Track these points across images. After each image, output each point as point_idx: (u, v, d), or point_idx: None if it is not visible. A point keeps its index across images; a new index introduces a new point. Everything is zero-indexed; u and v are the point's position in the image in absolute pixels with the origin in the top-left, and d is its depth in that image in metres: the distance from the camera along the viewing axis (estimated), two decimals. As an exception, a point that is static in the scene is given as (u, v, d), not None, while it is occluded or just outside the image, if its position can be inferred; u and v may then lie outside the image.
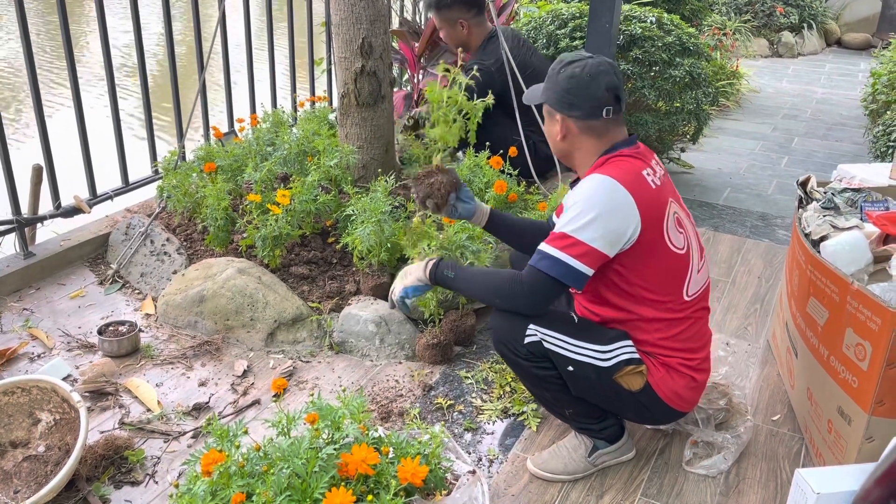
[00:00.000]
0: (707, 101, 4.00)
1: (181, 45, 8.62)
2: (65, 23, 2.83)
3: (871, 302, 1.78)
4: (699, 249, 1.92)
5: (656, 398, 1.88)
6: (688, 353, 1.89)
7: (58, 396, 2.00)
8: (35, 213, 2.99)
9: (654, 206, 1.77)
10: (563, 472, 1.99)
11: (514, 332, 1.84)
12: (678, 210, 1.87)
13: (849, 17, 9.34)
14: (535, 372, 1.87)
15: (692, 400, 1.94)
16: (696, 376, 1.91)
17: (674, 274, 1.83)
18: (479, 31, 3.33)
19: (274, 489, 1.41)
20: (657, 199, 1.79)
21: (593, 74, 1.79)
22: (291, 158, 2.96)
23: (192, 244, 2.92)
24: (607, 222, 1.72)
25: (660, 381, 1.87)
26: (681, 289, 1.85)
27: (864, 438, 1.83)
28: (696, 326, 1.91)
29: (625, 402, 1.90)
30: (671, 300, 1.84)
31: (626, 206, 1.73)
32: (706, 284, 1.95)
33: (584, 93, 1.79)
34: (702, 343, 1.94)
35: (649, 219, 1.76)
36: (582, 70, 1.80)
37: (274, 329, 2.52)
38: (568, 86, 1.81)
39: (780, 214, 3.87)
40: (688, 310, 1.88)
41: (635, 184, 1.76)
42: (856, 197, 2.35)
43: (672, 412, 1.94)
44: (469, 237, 2.46)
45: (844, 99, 6.57)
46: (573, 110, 1.82)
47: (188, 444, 2.09)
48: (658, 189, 1.81)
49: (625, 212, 1.73)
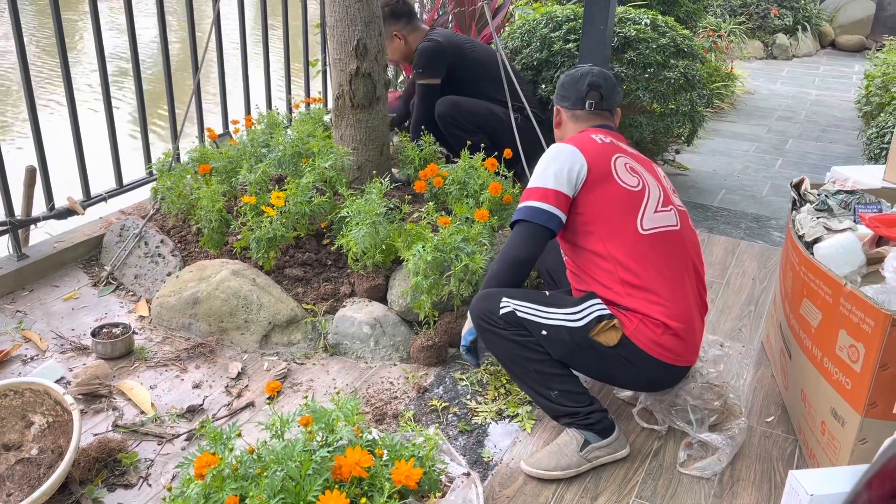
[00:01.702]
0: (702, 102, 4.01)
1: (176, 47, 8.60)
2: (58, 22, 2.82)
3: (865, 304, 1.79)
4: (663, 195, 2.07)
5: (638, 350, 1.94)
6: (658, 301, 1.94)
7: (51, 399, 1.99)
8: (28, 214, 2.98)
9: (599, 153, 2.04)
10: (556, 467, 2.00)
11: (490, 304, 2.00)
12: (630, 161, 2.08)
13: (843, 20, 9.37)
14: (514, 338, 1.97)
15: (678, 350, 1.97)
16: (669, 323, 1.94)
17: (624, 206, 2.00)
18: (415, 36, 3.45)
19: (267, 492, 1.40)
20: (603, 148, 2.06)
21: (582, 74, 2.19)
22: (286, 160, 2.95)
23: (186, 246, 2.92)
24: (554, 167, 2.02)
25: (635, 331, 1.94)
26: (633, 221, 1.98)
27: (858, 440, 1.84)
28: (660, 269, 1.97)
29: (610, 362, 1.96)
30: (626, 233, 1.98)
31: (568, 152, 2.04)
32: (673, 228, 2.04)
33: (572, 87, 2.20)
34: (674, 293, 1.96)
35: (594, 158, 2.02)
36: (575, 71, 2.22)
37: (268, 331, 2.52)
38: (563, 82, 2.23)
39: (775, 216, 3.88)
40: (646, 243, 1.97)
41: (580, 140, 2.08)
42: (849, 199, 2.36)
43: (663, 366, 1.97)
44: (464, 239, 2.46)
45: (838, 101, 6.59)
46: (563, 101, 2.23)
47: (182, 447, 2.08)
48: (604, 144, 2.08)
49: (568, 156, 2.03)
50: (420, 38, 3.43)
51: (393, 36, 3.40)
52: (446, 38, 3.41)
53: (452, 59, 3.37)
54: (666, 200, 2.08)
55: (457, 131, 3.31)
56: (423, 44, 3.37)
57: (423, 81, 3.39)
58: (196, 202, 2.85)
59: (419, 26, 3.47)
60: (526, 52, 3.94)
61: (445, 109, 3.31)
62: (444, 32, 3.50)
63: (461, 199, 2.81)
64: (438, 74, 3.37)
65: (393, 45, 3.44)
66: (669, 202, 2.09)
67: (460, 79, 3.38)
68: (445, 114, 3.31)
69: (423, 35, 3.44)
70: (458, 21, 4.37)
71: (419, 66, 3.36)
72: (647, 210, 2.01)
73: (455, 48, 3.39)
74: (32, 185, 3.01)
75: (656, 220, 2.02)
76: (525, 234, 2.01)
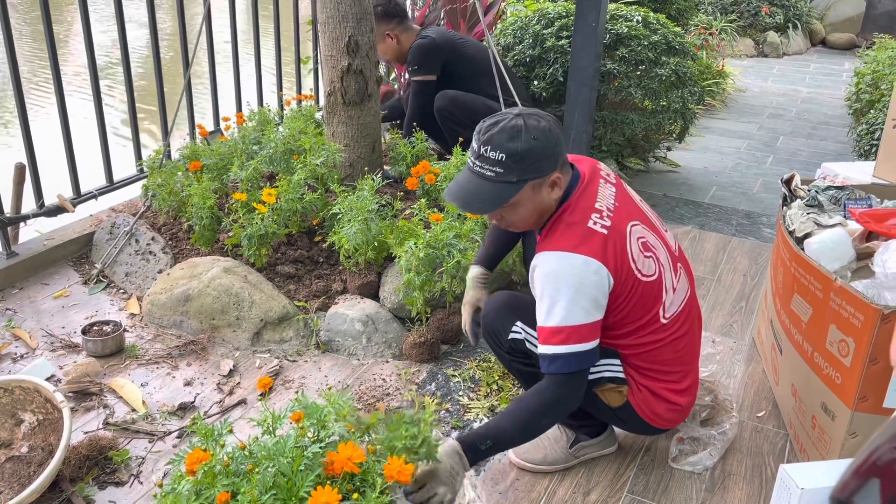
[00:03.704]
0: (693, 100, 4.02)
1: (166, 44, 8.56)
2: (47, 20, 2.80)
3: (854, 298, 1.80)
4: (671, 264, 1.84)
5: (635, 416, 1.88)
6: (671, 378, 1.87)
7: (41, 397, 1.98)
8: (18, 212, 2.96)
9: (616, 250, 1.69)
10: (543, 461, 2.00)
11: (502, 324, 1.86)
12: (642, 231, 1.78)
13: (833, 18, 9.41)
14: (515, 364, 1.90)
15: (673, 420, 1.93)
16: (679, 401, 1.88)
17: (646, 302, 1.76)
18: (407, 36, 3.46)
19: (259, 488, 1.40)
20: (614, 240, 1.69)
21: (547, 126, 1.65)
22: (277, 157, 2.94)
23: (177, 243, 2.91)
24: (586, 294, 1.64)
25: (641, 401, 1.86)
26: (657, 315, 1.79)
27: (848, 434, 1.85)
28: (678, 348, 1.86)
29: (602, 412, 1.91)
30: (649, 328, 1.79)
31: (593, 273, 1.65)
32: (686, 298, 1.88)
33: (560, 138, 1.68)
34: (686, 368, 1.90)
35: (616, 266, 1.68)
36: (540, 123, 1.65)
37: (260, 328, 2.51)
38: (553, 140, 1.65)
39: (766, 212, 3.89)
40: (667, 332, 1.82)
41: (588, 242, 1.66)
42: (839, 195, 2.37)
43: (650, 429, 1.93)
44: (456, 235, 2.46)
45: (829, 98, 6.61)
46: (559, 161, 1.68)
47: (173, 444, 2.07)
48: (610, 229, 1.70)
49: (595, 278, 1.65)
50: (412, 38, 3.44)
51: (385, 36, 3.41)
52: (440, 34, 3.42)
53: (447, 55, 3.39)
54: (674, 263, 1.85)
55: (454, 126, 3.31)
56: (418, 41, 3.37)
57: (418, 78, 3.39)
58: (187, 199, 2.84)
59: (411, 26, 3.49)
60: (518, 49, 3.95)
61: (444, 104, 3.32)
62: (437, 29, 3.51)
63: (453, 196, 2.81)
64: (434, 71, 3.38)
65: (385, 45, 3.44)
66: (676, 263, 1.87)
67: (455, 75, 3.39)
68: (444, 108, 3.32)
69: (416, 35, 3.45)
70: (449, 18, 4.37)
71: (414, 62, 3.37)
72: (667, 295, 1.80)
73: (448, 44, 3.40)
74: (22, 182, 2.99)
75: (676, 301, 1.83)
76: (572, 386, 1.69)
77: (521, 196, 1.67)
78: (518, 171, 1.64)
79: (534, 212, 1.72)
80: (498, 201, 1.67)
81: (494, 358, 2.47)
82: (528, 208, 1.70)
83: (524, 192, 1.66)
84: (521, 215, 1.72)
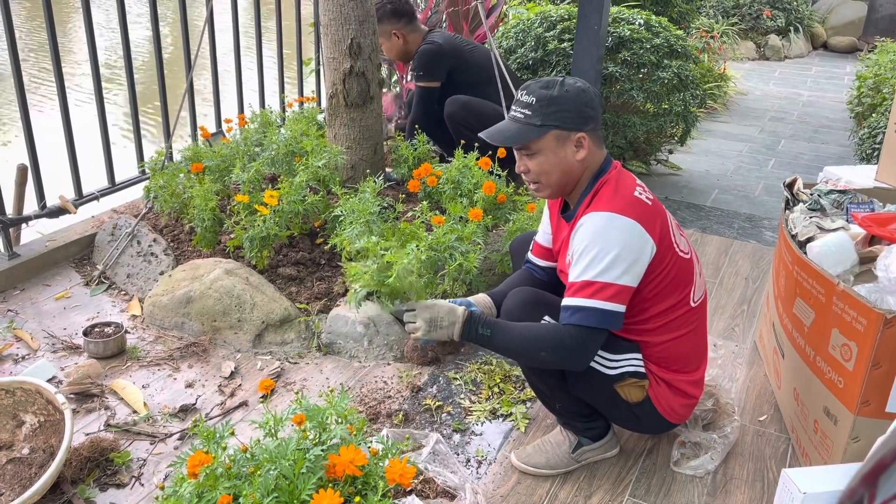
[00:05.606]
0: (695, 103, 4.02)
1: (168, 45, 8.58)
2: (50, 21, 2.81)
3: (857, 303, 1.79)
4: (694, 255, 1.91)
5: (653, 411, 1.90)
6: (689, 370, 1.92)
7: (42, 398, 1.98)
8: (20, 213, 2.97)
9: (659, 222, 1.74)
10: (546, 466, 2.00)
11: (529, 318, 1.82)
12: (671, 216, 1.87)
13: (835, 21, 9.41)
14: None
15: (685, 416, 1.98)
16: (694, 392, 1.94)
17: (680, 280, 1.80)
18: (414, 37, 3.45)
19: (261, 491, 1.40)
20: (658, 213, 1.76)
21: (583, 86, 1.77)
22: (279, 159, 2.94)
23: (179, 245, 2.91)
24: (627, 256, 1.67)
25: (660, 395, 1.88)
26: (688, 297, 1.83)
27: (850, 438, 1.84)
28: (697, 339, 1.91)
29: (620, 411, 1.91)
30: (679, 309, 1.82)
31: (638, 236, 1.69)
32: (705, 291, 1.95)
33: (594, 103, 1.76)
34: (700, 357, 1.97)
35: (661, 235, 1.74)
36: (576, 83, 1.77)
37: (261, 330, 2.51)
38: (585, 99, 1.74)
39: (767, 216, 3.89)
40: (693, 319, 1.86)
41: (636, 208, 1.72)
42: (842, 198, 2.37)
43: (665, 424, 1.97)
44: (458, 238, 2.46)
45: (830, 102, 6.62)
46: (588, 124, 1.76)
47: (175, 446, 2.07)
48: (653, 202, 1.78)
49: (639, 241, 1.69)
50: (419, 39, 3.42)
51: (392, 34, 3.39)
52: (446, 40, 3.41)
53: (452, 62, 3.37)
54: (696, 255, 1.91)
55: (465, 131, 3.28)
56: (424, 46, 3.36)
57: (423, 84, 3.38)
58: (189, 201, 2.84)
59: (419, 27, 3.46)
60: (521, 52, 3.95)
61: (456, 109, 3.29)
62: (444, 35, 3.49)
63: (455, 199, 2.81)
64: (438, 77, 3.37)
65: (391, 44, 3.43)
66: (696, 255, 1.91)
67: (461, 81, 3.37)
68: (456, 114, 3.29)
69: (422, 36, 3.43)
70: (451, 20, 4.37)
71: (419, 68, 3.36)
72: (696, 280, 1.84)
73: (454, 51, 3.39)
74: (24, 183, 2.99)
75: (701, 287, 1.88)
76: (588, 343, 1.70)
77: (544, 143, 1.74)
78: (543, 116, 1.73)
79: (557, 166, 1.76)
80: (519, 137, 1.76)
81: (496, 361, 2.47)
82: (550, 161, 1.76)
83: (547, 139, 1.74)
84: (543, 168, 1.77)
